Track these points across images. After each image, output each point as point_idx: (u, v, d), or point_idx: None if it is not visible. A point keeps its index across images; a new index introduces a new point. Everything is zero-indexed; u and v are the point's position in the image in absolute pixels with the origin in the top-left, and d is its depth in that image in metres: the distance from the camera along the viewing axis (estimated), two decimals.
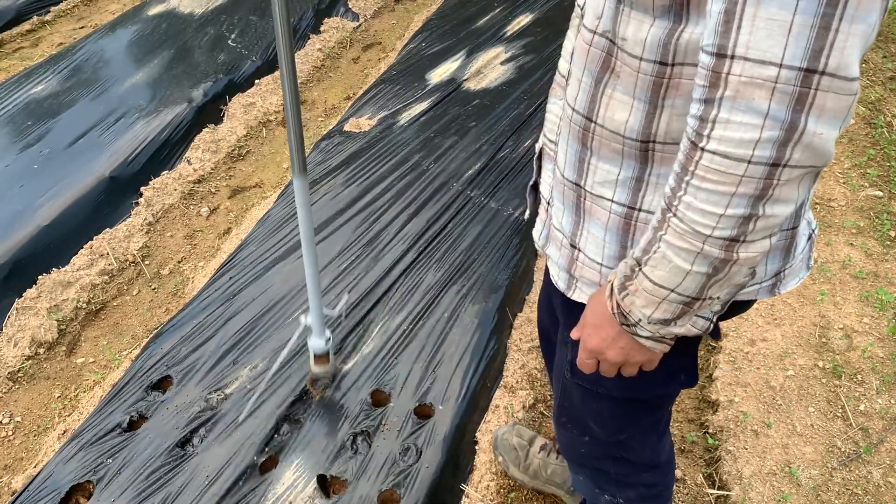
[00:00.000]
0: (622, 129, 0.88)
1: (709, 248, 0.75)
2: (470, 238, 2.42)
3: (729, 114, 0.69)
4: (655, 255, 0.80)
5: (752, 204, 0.71)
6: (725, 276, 0.78)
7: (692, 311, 0.83)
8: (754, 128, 0.68)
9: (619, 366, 0.95)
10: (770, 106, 0.66)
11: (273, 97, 3.38)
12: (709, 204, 0.73)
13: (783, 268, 0.97)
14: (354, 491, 1.68)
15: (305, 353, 1.97)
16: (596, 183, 0.95)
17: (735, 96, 0.68)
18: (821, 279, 2.34)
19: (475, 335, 2.08)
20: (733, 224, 0.73)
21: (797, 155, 0.68)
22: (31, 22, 4.07)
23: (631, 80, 0.84)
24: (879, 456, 1.85)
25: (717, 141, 0.70)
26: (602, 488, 1.37)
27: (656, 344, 0.89)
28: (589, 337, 0.95)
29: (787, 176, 0.70)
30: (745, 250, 0.75)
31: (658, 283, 0.81)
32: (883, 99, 3.17)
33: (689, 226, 0.75)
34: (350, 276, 2.27)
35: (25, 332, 2.22)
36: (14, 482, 1.85)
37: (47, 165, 2.77)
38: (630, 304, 0.86)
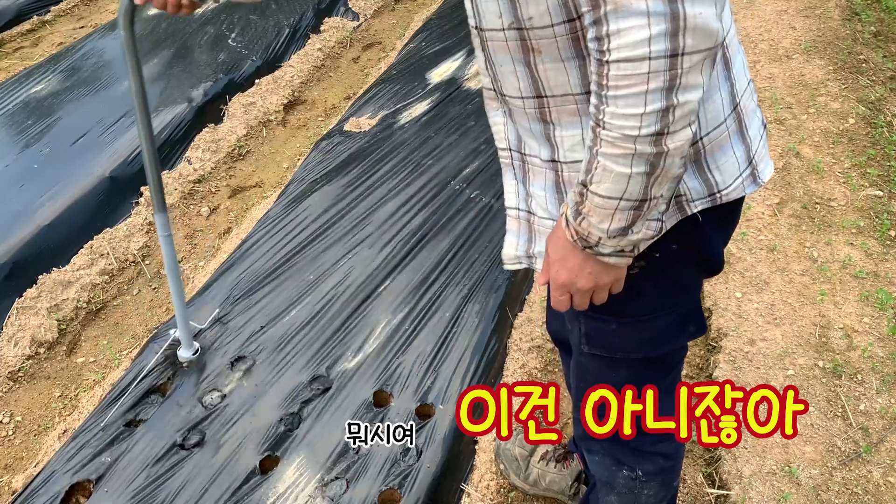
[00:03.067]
0: (569, 89, 0.95)
1: (641, 147, 0.82)
2: (470, 238, 2.42)
3: (616, 24, 0.76)
4: (597, 171, 0.86)
5: (665, 96, 0.78)
6: (663, 171, 0.85)
7: (643, 214, 0.89)
8: (642, 28, 0.75)
9: (591, 292, 1.00)
10: (648, 4, 0.74)
11: (273, 97, 3.38)
12: (628, 107, 0.80)
13: (749, 153, 1.04)
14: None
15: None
16: (567, 151, 1.01)
17: (616, 8, 0.75)
18: (821, 279, 2.34)
19: (475, 335, 2.08)
20: (655, 119, 0.80)
21: (689, 41, 0.76)
22: (32, 22, 4.07)
23: (553, 48, 0.91)
24: (879, 455, 1.86)
25: (616, 51, 0.77)
26: (620, 462, 1.36)
27: (619, 259, 0.95)
28: (557, 273, 1.00)
29: (689, 63, 0.77)
30: (671, 141, 0.82)
31: (606, 195, 0.87)
32: (883, 99, 3.17)
33: (619, 132, 0.82)
34: (350, 276, 2.27)
35: (26, 332, 2.22)
36: (14, 482, 1.85)
37: (47, 165, 2.77)
38: (587, 225, 0.91)
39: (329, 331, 2.09)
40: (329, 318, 2.13)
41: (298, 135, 3.25)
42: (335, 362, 2.00)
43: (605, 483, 1.42)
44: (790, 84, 3.34)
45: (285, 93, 3.43)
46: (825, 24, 3.79)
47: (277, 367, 1.99)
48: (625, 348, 1.16)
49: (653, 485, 1.37)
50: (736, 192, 1.03)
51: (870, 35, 3.68)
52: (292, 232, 2.47)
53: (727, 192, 1.02)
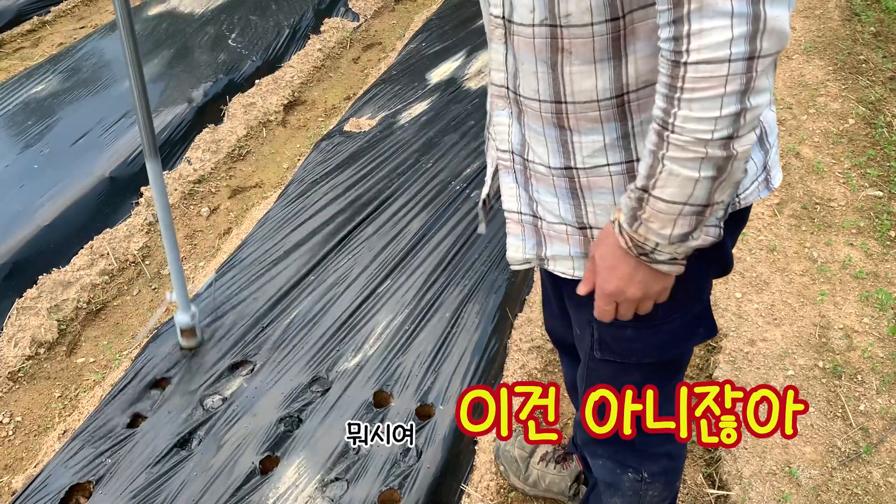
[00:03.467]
0: (594, 95, 0.93)
1: (712, 151, 0.81)
2: (470, 237, 2.42)
3: (700, 24, 0.75)
4: (661, 175, 0.85)
5: (740, 99, 0.78)
6: (728, 175, 0.84)
7: (705, 220, 0.89)
8: (725, 28, 0.74)
9: (638, 302, 0.98)
10: (733, 4, 0.73)
11: (273, 97, 3.38)
12: (704, 110, 0.79)
13: (766, 159, 1.05)
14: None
15: None
16: (586, 157, 0.99)
17: (700, 7, 0.74)
18: (821, 279, 2.34)
19: (475, 335, 2.08)
20: (729, 122, 0.79)
21: (766, 44, 0.75)
22: (32, 22, 4.07)
23: (587, 49, 0.89)
24: (879, 456, 1.85)
25: (696, 52, 0.76)
26: (625, 465, 1.36)
27: (672, 266, 0.93)
28: (606, 281, 0.97)
29: (762, 66, 0.77)
30: (740, 144, 0.81)
31: (670, 200, 0.85)
32: (883, 99, 3.17)
33: (691, 136, 0.81)
34: (350, 276, 2.27)
35: (26, 332, 2.22)
36: (14, 482, 1.85)
37: (48, 165, 2.77)
38: (645, 231, 0.89)
39: (329, 331, 2.09)
40: (329, 319, 2.13)
41: (298, 135, 3.25)
42: (335, 363, 2.00)
43: (610, 485, 1.41)
44: (790, 84, 3.35)
45: (285, 93, 3.43)
46: (825, 24, 3.79)
47: (277, 368, 1.99)
48: (639, 353, 1.15)
49: (657, 485, 1.37)
50: (752, 196, 1.04)
51: (870, 35, 3.68)
52: (292, 232, 2.47)
53: (745, 197, 1.03)
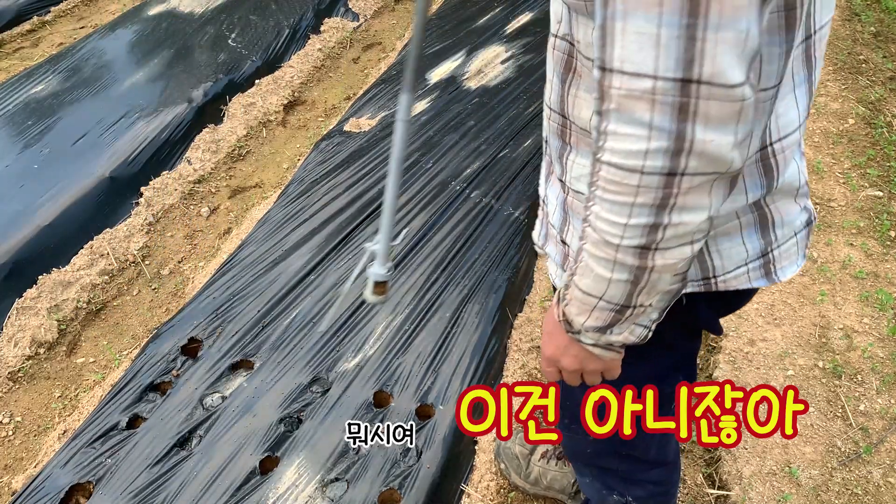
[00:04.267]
0: (588, 126, 0.90)
1: (622, 257, 0.76)
2: (470, 238, 2.42)
3: (616, 125, 0.69)
4: (581, 265, 0.81)
5: (654, 213, 0.71)
6: (648, 284, 0.78)
7: (625, 319, 0.84)
8: (640, 139, 0.68)
9: (578, 373, 0.96)
10: (653, 117, 0.66)
11: (273, 97, 3.38)
12: (612, 214, 0.73)
13: (769, 248, 0.96)
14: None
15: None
16: (573, 178, 0.97)
17: (619, 108, 0.68)
18: (821, 279, 2.34)
19: (475, 335, 2.08)
20: (640, 233, 0.73)
21: (693, 163, 0.68)
22: (32, 22, 4.07)
23: (589, 79, 0.86)
24: (879, 456, 1.85)
25: (609, 152, 0.70)
26: (610, 487, 1.37)
27: (604, 352, 0.89)
28: (545, 345, 0.96)
29: (689, 184, 0.69)
30: (661, 258, 0.75)
31: (586, 291, 0.82)
32: (883, 99, 3.17)
33: (601, 235, 0.76)
34: (352, 274, 2.27)
35: (26, 332, 2.22)
36: (14, 482, 1.85)
37: (47, 165, 2.77)
38: (569, 312, 0.87)
39: (329, 331, 2.09)
40: (337, 305, 2.13)
41: (298, 135, 3.25)
42: (335, 363, 2.00)
43: (599, 502, 1.42)
44: None
45: (285, 93, 3.43)
46: None
47: (277, 368, 1.99)
48: (603, 381, 1.14)
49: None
50: (737, 281, 0.96)
51: (870, 35, 3.68)
52: (292, 232, 2.47)
53: (724, 279, 0.95)
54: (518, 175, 2.71)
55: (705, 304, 1.00)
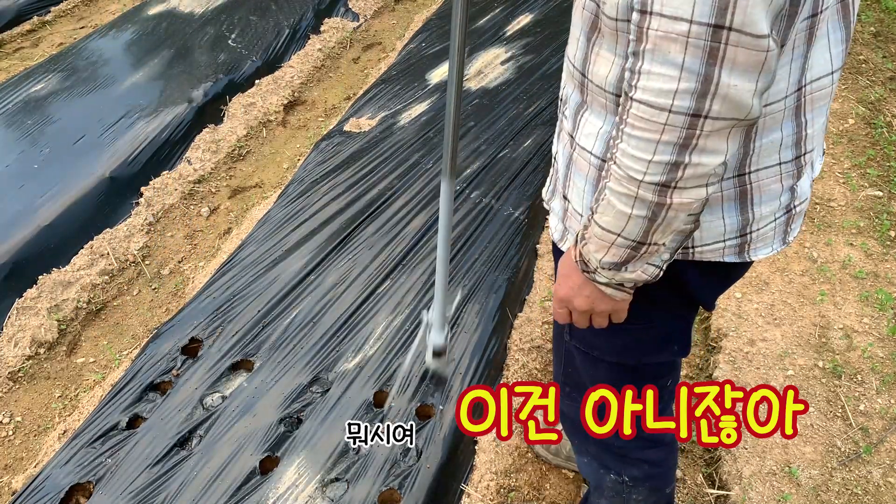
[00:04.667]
0: (604, 83, 0.94)
1: (643, 193, 0.81)
2: (470, 238, 2.42)
3: (650, 65, 0.75)
4: (602, 202, 0.87)
5: (677, 151, 0.77)
6: (664, 221, 0.83)
7: (640, 257, 0.89)
8: (671, 79, 0.74)
9: (588, 314, 1.01)
10: (685, 59, 0.72)
11: (273, 97, 3.38)
12: (638, 150, 0.79)
13: (746, 226, 0.99)
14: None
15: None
16: (583, 135, 1.01)
17: (654, 49, 0.74)
18: (821, 279, 2.34)
19: (475, 335, 2.08)
20: (662, 170, 0.78)
21: (716, 106, 0.74)
22: (32, 22, 4.07)
23: (612, 39, 0.90)
24: (879, 456, 1.85)
25: (641, 90, 0.76)
26: (607, 466, 1.39)
27: (616, 291, 0.95)
28: (559, 287, 1.02)
29: (710, 127, 0.75)
30: (678, 196, 0.80)
31: (605, 227, 0.87)
32: (883, 99, 3.17)
33: (625, 171, 0.81)
34: (350, 276, 2.27)
35: (26, 332, 2.22)
36: (14, 482, 1.85)
37: (47, 165, 2.77)
38: (587, 251, 0.92)
39: (329, 331, 2.09)
40: (329, 319, 2.13)
41: (298, 135, 3.25)
42: (335, 363, 2.00)
43: (595, 486, 1.44)
44: None
45: (285, 93, 3.43)
46: None
47: (278, 368, 1.99)
48: (601, 349, 1.18)
49: (641, 489, 1.38)
50: (712, 254, 1.01)
51: (869, 35, 3.68)
52: (292, 232, 2.47)
53: (700, 250, 1.00)
54: (518, 175, 2.71)
55: (697, 272, 1.04)
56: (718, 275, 1.07)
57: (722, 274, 1.08)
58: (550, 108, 3.09)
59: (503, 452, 1.87)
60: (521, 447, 1.90)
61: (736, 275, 1.10)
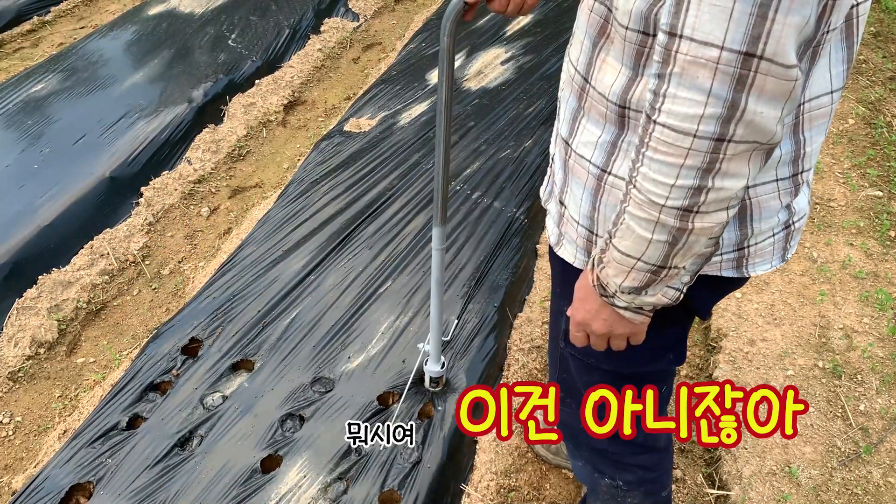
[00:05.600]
0: (608, 92, 0.93)
1: (665, 218, 0.80)
2: (470, 238, 2.42)
3: (676, 89, 0.74)
4: (621, 227, 0.86)
5: (700, 176, 0.76)
6: (685, 246, 0.83)
7: (660, 280, 0.88)
8: (698, 104, 0.73)
9: (607, 337, 1.00)
10: (713, 85, 0.71)
11: (273, 97, 3.38)
12: (661, 175, 0.78)
13: (743, 241, 1.00)
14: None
15: None
16: (581, 143, 1.00)
17: (682, 73, 0.73)
18: (821, 279, 2.34)
19: (475, 335, 2.08)
20: (684, 194, 0.78)
21: (740, 131, 0.73)
22: (32, 22, 4.07)
23: (620, 47, 0.89)
24: (879, 456, 1.86)
25: (666, 114, 0.75)
26: (601, 471, 1.39)
27: (635, 315, 0.94)
28: (576, 311, 1.01)
29: (733, 151, 0.74)
30: (700, 221, 0.80)
31: (625, 252, 0.86)
32: (883, 99, 3.17)
33: (646, 195, 0.80)
34: (351, 277, 2.27)
35: (26, 332, 2.22)
36: (14, 482, 1.85)
37: (47, 165, 2.77)
38: (605, 275, 0.91)
39: (331, 331, 2.09)
40: (330, 319, 2.13)
41: (298, 135, 3.25)
42: (337, 363, 2.00)
43: (591, 490, 1.45)
44: None
45: (285, 93, 3.43)
46: None
47: (278, 368, 1.99)
48: (596, 357, 1.17)
49: (636, 493, 1.39)
50: (709, 268, 1.01)
51: (869, 35, 3.68)
52: (293, 232, 2.47)
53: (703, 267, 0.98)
54: (518, 175, 2.71)
55: (697, 284, 1.02)
56: (715, 287, 1.07)
57: (718, 286, 1.07)
58: (550, 107, 3.09)
59: (503, 452, 1.87)
60: (521, 447, 1.90)
61: (732, 287, 1.10)
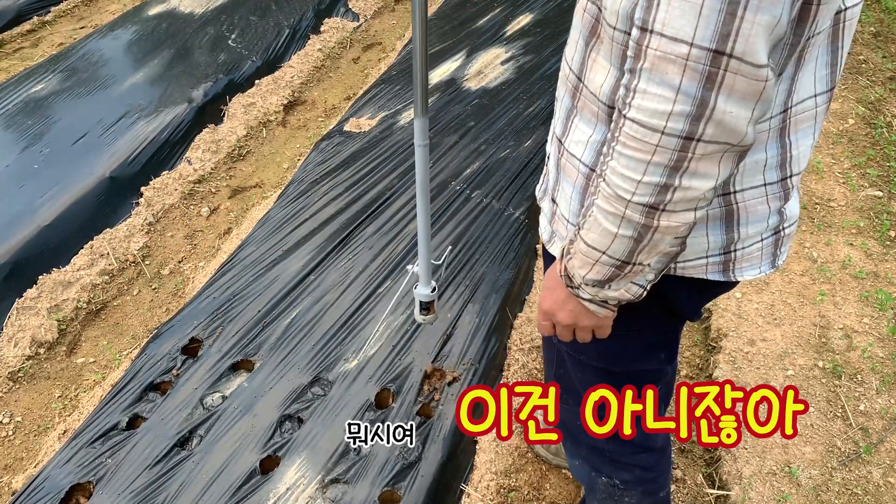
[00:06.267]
0: (598, 92, 0.93)
1: (630, 213, 0.80)
2: (470, 238, 2.42)
3: (646, 85, 0.73)
4: (589, 218, 0.86)
5: (667, 174, 0.76)
6: (650, 243, 0.83)
7: (624, 276, 0.88)
8: (667, 100, 0.72)
9: (572, 328, 1.01)
10: (682, 81, 0.71)
11: (273, 97, 3.38)
12: (628, 169, 0.78)
13: (730, 245, 0.99)
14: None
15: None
16: (573, 142, 1.00)
17: (651, 69, 0.72)
18: (821, 279, 2.34)
19: (475, 335, 2.08)
20: (651, 191, 0.77)
21: (710, 130, 0.73)
22: (32, 22, 4.07)
23: (609, 47, 0.89)
24: (879, 456, 1.86)
25: (635, 109, 0.75)
26: (599, 469, 1.39)
27: (599, 308, 0.95)
28: (543, 299, 1.02)
29: (702, 151, 0.74)
30: (666, 219, 0.80)
31: (590, 244, 0.87)
32: (883, 99, 3.17)
33: (614, 190, 0.80)
34: (351, 277, 2.27)
35: (26, 332, 2.22)
36: (14, 482, 1.85)
37: (47, 165, 2.77)
38: (571, 266, 0.92)
39: (330, 331, 2.09)
40: (330, 319, 2.13)
41: (298, 135, 3.25)
42: (336, 363, 2.00)
43: (589, 489, 1.44)
44: None
45: (285, 93, 3.43)
46: None
47: (278, 368, 1.99)
48: (588, 354, 1.18)
49: (634, 493, 1.39)
50: (694, 271, 1.00)
51: (869, 35, 3.68)
52: (293, 232, 2.47)
53: (683, 266, 1.00)
54: (518, 175, 2.71)
55: (680, 287, 1.03)
56: (702, 290, 1.07)
57: (705, 289, 1.07)
58: (550, 107, 3.09)
59: (503, 452, 1.87)
60: (521, 447, 1.90)
61: (720, 291, 1.09)
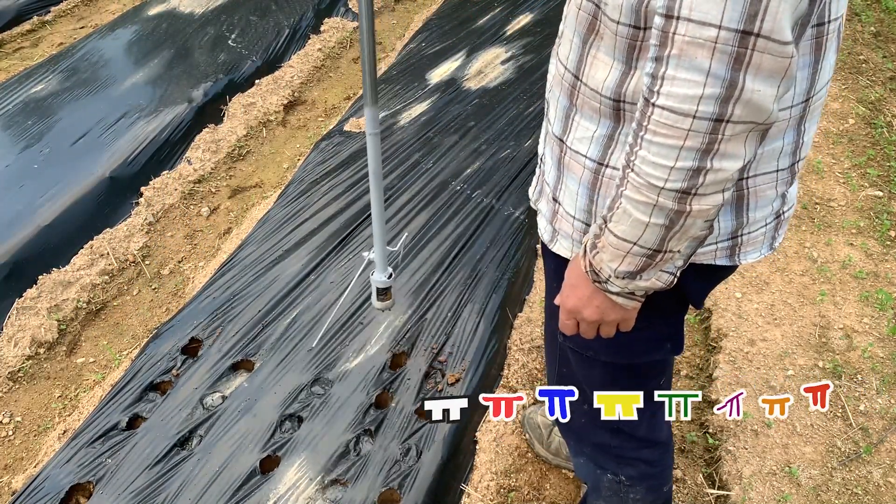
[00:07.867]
0: (600, 88, 0.93)
1: (663, 200, 0.80)
2: (470, 238, 2.42)
3: (675, 71, 0.74)
4: (618, 211, 0.86)
5: (699, 157, 0.76)
6: (682, 228, 0.83)
7: (655, 265, 0.88)
8: (697, 84, 0.73)
9: (597, 325, 1.00)
10: (711, 64, 0.72)
11: (273, 97, 3.38)
12: (660, 157, 0.78)
13: (738, 230, 1.00)
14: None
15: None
16: (576, 139, 1.01)
17: (680, 55, 0.73)
18: (821, 279, 2.34)
19: (475, 335, 2.08)
20: (683, 176, 0.78)
21: (738, 111, 0.73)
22: (32, 22, 4.07)
23: (611, 42, 0.89)
24: (879, 456, 1.86)
25: (665, 96, 0.75)
26: (603, 466, 1.39)
27: (627, 301, 0.95)
28: (567, 298, 1.01)
29: (731, 132, 0.75)
30: (697, 203, 0.80)
31: (621, 236, 0.86)
32: (883, 99, 3.17)
33: (644, 179, 0.80)
34: (351, 277, 2.27)
35: (26, 332, 2.22)
36: (14, 482, 1.85)
37: (47, 165, 2.77)
38: (599, 260, 0.91)
39: (330, 332, 2.09)
40: (330, 319, 2.13)
41: (298, 135, 3.25)
42: (336, 363, 2.00)
43: (593, 487, 1.44)
44: None
45: (285, 93, 3.43)
46: None
47: (278, 368, 1.99)
48: (595, 349, 1.18)
49: (638, 489, 1.39)
50: (704, 257, 1.01)
51: (870, 35, 3.68)
52: (293, 232, 2.47)
53: (695, 253, 0.99)
54: (518, 175, 2.71)
55: (689, 273, 1.03)
56: (709, 276, 1.08)
57: (712, 274, 1.08)
58: None
59: (503, 452, 1.87)
60: (522, 447, 1.90)
61: (724, 275, 1.11)
